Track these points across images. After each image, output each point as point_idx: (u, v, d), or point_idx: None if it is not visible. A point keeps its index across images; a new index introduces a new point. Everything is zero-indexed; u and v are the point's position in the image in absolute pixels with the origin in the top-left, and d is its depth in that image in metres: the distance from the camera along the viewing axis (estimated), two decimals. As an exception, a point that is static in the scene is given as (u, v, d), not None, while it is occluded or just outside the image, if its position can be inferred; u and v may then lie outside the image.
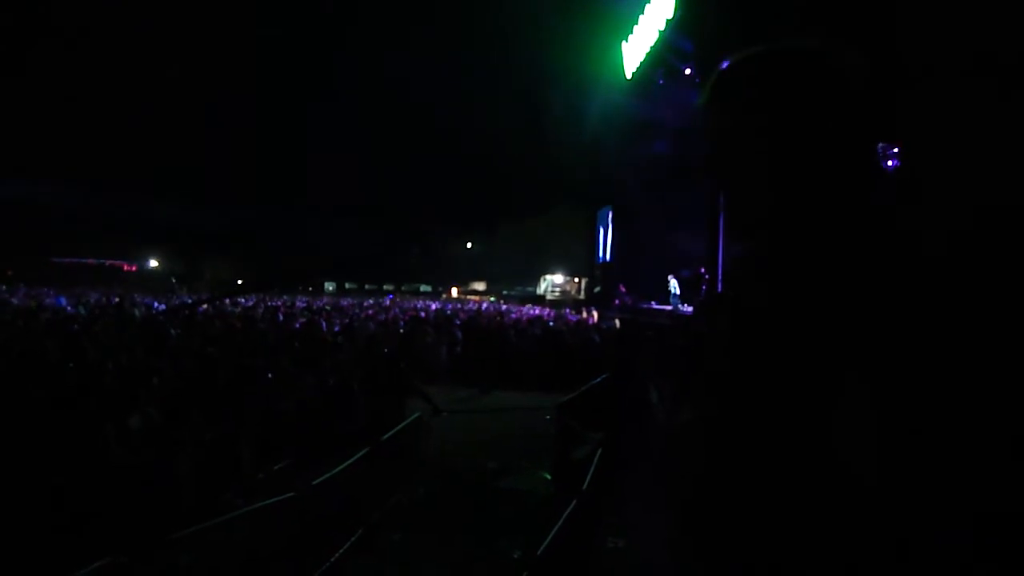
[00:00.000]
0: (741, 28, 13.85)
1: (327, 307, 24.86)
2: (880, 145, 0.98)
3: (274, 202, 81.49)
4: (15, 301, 21.65)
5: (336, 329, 15.46)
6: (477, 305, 31.83)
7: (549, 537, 4.80)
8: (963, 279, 0.85)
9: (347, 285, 79.27)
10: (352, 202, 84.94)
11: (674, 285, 21.49)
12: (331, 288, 75.95)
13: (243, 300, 26.85)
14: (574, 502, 5.37)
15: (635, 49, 21.96)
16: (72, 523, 4.69)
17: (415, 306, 28.62)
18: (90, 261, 77.55)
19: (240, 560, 5.10)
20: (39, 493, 4.97)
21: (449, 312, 24.13)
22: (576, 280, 48.36)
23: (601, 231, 33.23)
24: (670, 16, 18.61)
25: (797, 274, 0.94)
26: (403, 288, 77.08)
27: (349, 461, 6.23)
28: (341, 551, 5.59)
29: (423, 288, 79.31)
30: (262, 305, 24.25)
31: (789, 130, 0.95)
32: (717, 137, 1.04)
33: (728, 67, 1.03)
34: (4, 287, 36.51)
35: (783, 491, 0.85)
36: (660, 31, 19.43)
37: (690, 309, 15.74)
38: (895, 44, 6.26)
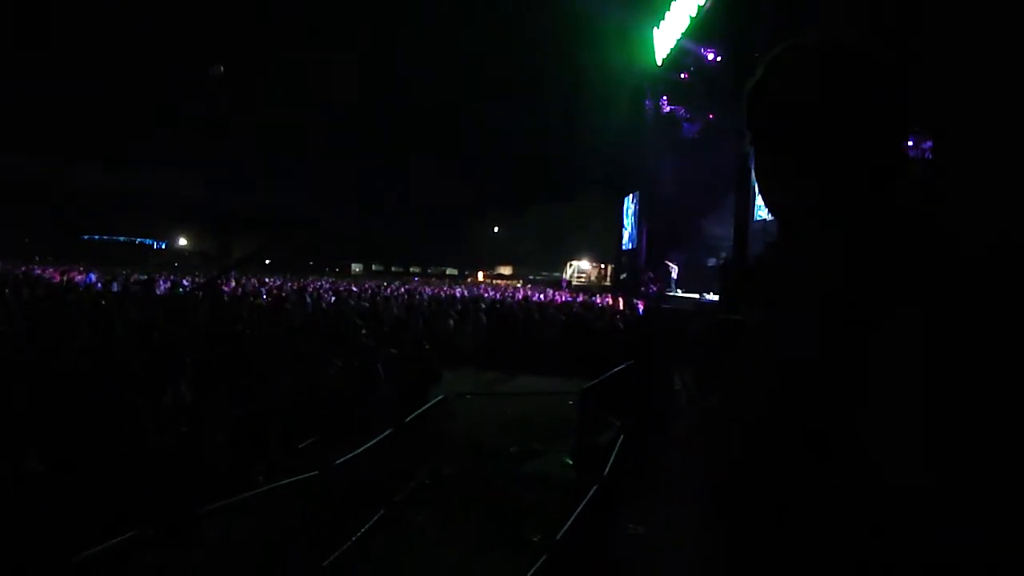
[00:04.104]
0: (772, 16, 13.73)
1: (353, 288, 24.98)
2: (911, 141, 0.97)
3: (304, 183, 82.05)
4: (47, 277, 21.95)
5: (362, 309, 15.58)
6: (502, 292, 31.50)
7: (569, 522, 4.82)
8: (1001, 281, 0.84)
9: (374, 267, 79.69)
10: (381, 185, 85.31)
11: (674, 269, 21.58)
12: (358, 269, 76.44)
13: (270, 280, 27.10)
14: (595, 488, 5.38)
15: (666, 36, 21.77)
16: (102, 497, 4.77)
17: (441, 290, 28.62)
18: (120, 239, 78.71)
19: (264, 536, 5.18)
20: (70, 467, 5.06)
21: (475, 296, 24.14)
22: (602, 266, 48.18)
23: (627, 218, 33.10)
24: (702, 2, 18.43)
25: (824, 268, 0.93)
26: (429, 271, 77.40)
27: (373, 441, 6.29)
28: (363, 530, 5.64)
29: (449, 271, 79.52)
30: (289, 286, 24.45)
31: (823, 123, 0.95)
32: (757, 124, 1.04)
33: (770, 62, 1.02)
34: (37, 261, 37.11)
35: (809, 482, 0.85)
36: (692, 17, 19.26)
37: (715, 298, 15.64)
38: (930, 38, 6.17)
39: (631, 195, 31.96)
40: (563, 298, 26.62)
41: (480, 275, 74.20)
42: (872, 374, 0.81)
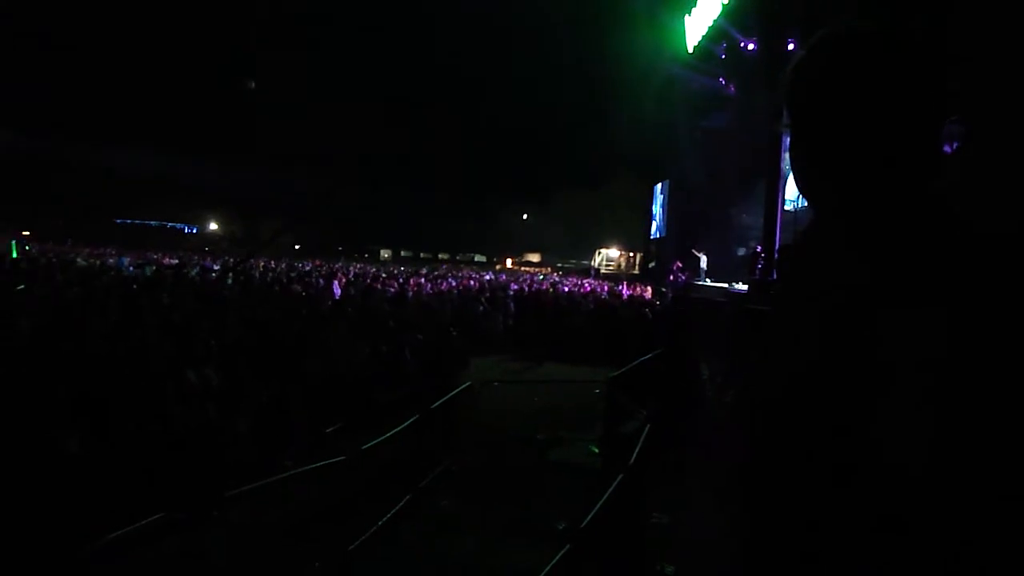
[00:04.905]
0: (804, 4, 13.56)
1: (383, 275, 25.09)
2: (945, 127, 0.95)
3: (333, 169, 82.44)
4: (81, 261, 22.39)
5: (390, 294, 15.66)
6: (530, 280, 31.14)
7: (594, 510, 4.81)
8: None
9: (402, 253, 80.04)
10: (410, 171, 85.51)
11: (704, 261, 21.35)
12: (387, 255, 76.82)
13: (300, 265, 27.32)
14: (620, 476, 5.36)
15: (698, 23, 21.54)
16: (132, 478, 4.85)
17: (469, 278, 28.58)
18: (152, 223, 79.86)
19: (290, 520, 5.24)
20: (99, 448, 5.15)
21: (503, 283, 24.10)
22: (631, 254, 48.00)
23: (656, 206, 32.93)
24: (734, -11, 18.23)
25: (854, 259, 0.92)
26: (458, 257, 77.63)
27: (399, 427, 6.31)
28: (389, 515, 5.68)
29: (477, 258, 79.66)
30: (320, 271, 24.63)
31: (860, 110, 0.93)
32: (794, 112, 1.02)
33: (812, 46, 1.00)
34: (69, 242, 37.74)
35: (833, 475, 0.84)
36: (724, 4, 19.03)
37: (744, 287, 15.51)
38: (964, 23, 6.07)
39: (661, 183, 31.77)
40: (590, 287, 26.47)
41: (508, 262, 74.19)
42: (896, 364, 0.80)
